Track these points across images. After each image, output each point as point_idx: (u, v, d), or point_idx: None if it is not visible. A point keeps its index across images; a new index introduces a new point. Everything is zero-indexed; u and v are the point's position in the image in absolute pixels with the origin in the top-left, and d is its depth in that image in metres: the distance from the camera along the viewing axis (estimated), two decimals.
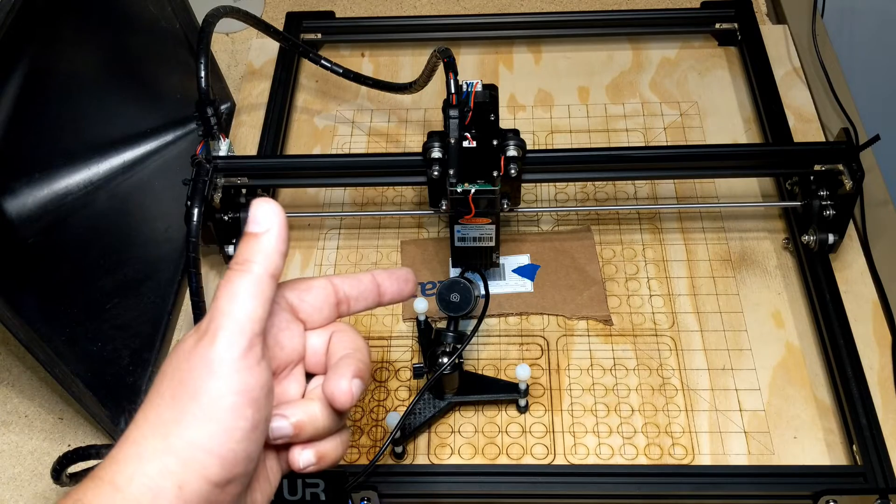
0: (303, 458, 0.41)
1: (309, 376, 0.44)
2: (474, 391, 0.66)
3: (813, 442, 0.64)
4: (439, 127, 0.71)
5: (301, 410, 0.41)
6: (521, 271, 0.74)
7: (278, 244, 0.39)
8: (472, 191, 0.64)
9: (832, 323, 0.67)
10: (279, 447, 0.43)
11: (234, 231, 0.72)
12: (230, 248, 0.72)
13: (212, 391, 0.36)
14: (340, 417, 0.42)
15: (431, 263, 0.75)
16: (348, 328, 0.44)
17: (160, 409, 0.37)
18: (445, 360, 0.63)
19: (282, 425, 0.40)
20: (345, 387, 0.40)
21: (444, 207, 0.67)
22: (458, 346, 0.64)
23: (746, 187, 0.79)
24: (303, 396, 0.43)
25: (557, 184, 0.81)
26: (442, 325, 0.68)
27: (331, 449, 0.42)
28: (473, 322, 0.67)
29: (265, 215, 0.39)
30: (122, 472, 0.36)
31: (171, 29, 0.80)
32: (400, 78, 0.91)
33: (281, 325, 0.42)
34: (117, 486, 0.36)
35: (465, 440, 0.65)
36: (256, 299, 0.38)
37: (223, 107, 0.88)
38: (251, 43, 0.96)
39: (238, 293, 0.38)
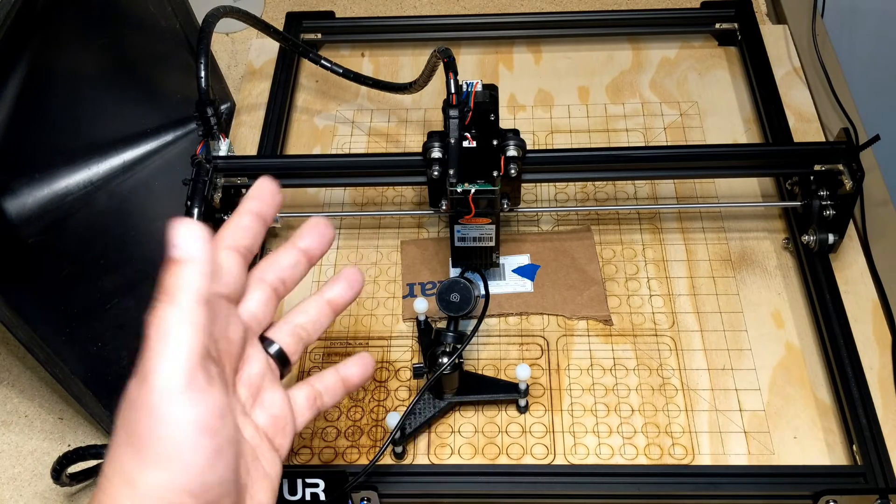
0: None
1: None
2: (474, 391, 0.66)
3: (813, 442, 0.64)
4: (439, 127, 0.71)
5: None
6: (521, 271, 0.74)
7: (202, 267, 0.37)
8: (472, 191, 0.64)
9: (832, 323, 0.67)
10: (272, 431, 0.44)
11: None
12: None
13: (161, 434, 0.36)
14: None
15: (431, 263, 0.75)
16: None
17: (122, 459, 0.37)
18: (445, 360, 0.63)
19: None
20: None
21: (444, 207, 0.67)
22: (458, 346, 0.64)
23: (746, 187, 0.79)
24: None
25: (557, 184, 0.81)
26: (442, 325, 0.68)
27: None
28: (473, 322, 0.67)
29: (188, 241, 0.37)
30: None
31: (171, 29, 0.80)
32: (400, 78, 0.91)
33: (222, 325, 0.41)
34: None
35: (465, 440, 0.65)
36: (188, 330, 0.36)
37: (223, 107, 0.88)
38: (251, 43, 0.96)
39: (168, 329, 0.36)
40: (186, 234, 0.37)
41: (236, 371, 0.43)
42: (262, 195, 0.44)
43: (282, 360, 0.46)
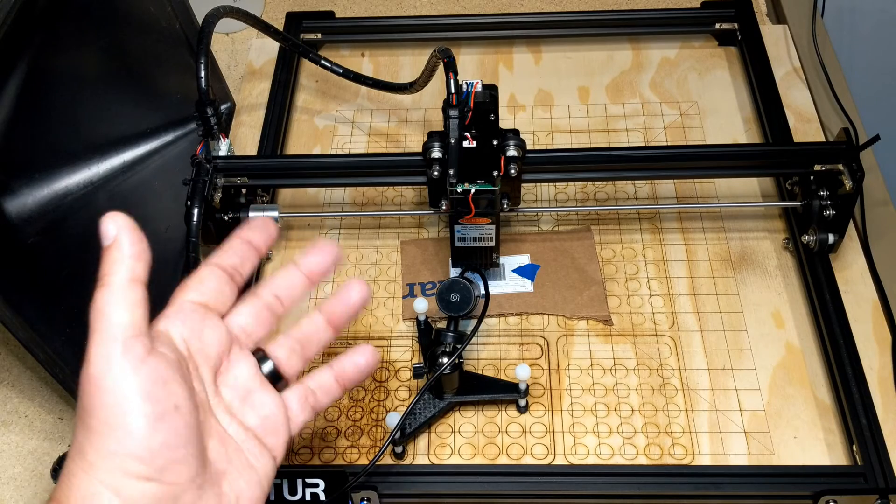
0: None
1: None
2: (474, 391, 0.66)
3: (813, 442, 0.64)
4: (439, 127, 0.71)
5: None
6: (521, 271, 0.74)
7: (128, 250, 0.41)
8: (472, 191, 0.64)
9: (832, 323, 0.67)
10: (262, 431, 0.45)
11: (234, 231, 0.72)
12: None
13: (104, 402, 0.39)
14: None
15: (431, 263, 0.75)
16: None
17: (77, 437, 0.39)
18: (445, 360, 0.63)
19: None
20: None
21: (444, 207, 0.67)
22: (458, 346, 0.64)
23: (746, 187, 0.79)
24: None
25: (557, 184, 0.81)
26: (442, 325, 0.68)
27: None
28: (473, 322, 0.67)
29: (109, 228, 0.41)
30: (66, 500, 0.39)
31: (171, 29, 0.80)
32: (400, 78, 0.91)
33: (194, 326, 0.44)
34: None
35: (465, 440, 0.65)
36: (121, 307, 0.40)
37: (223, 107, 0.88)
38: (251, 43, 0.96)
39: (102, 307, 0.40)
40: (111, 225, 0.41)
41: (217, 373, 0.45)
42: (255, 226, 0.49)
43: (274, 376, 0.47)
